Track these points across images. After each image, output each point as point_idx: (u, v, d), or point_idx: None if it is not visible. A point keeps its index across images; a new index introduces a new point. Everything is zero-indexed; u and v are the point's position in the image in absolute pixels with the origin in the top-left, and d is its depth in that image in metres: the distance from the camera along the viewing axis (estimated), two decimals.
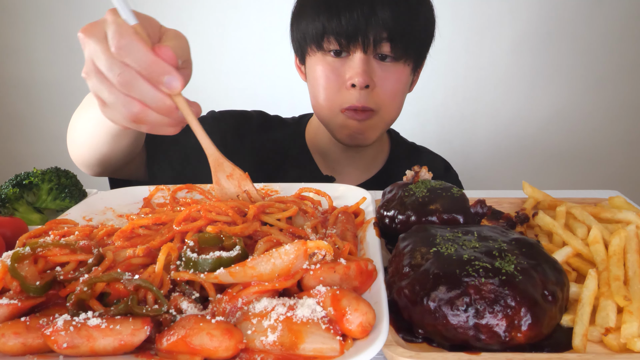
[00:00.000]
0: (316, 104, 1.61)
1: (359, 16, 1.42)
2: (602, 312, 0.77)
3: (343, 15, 1.43)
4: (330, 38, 1.48)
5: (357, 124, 1.55)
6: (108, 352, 0.68)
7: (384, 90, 1.53)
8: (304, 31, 1.55)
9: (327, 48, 1.51)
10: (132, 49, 0.87)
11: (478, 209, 1.06)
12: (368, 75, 1.48)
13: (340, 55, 1.51)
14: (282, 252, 0.77)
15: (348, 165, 1.81)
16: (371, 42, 1.45)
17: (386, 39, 1.46)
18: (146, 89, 0.90)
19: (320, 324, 0.69)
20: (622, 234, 0.89)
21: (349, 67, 1.50)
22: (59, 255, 0.84)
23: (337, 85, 1.52)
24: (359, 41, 1.45)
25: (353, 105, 1.50)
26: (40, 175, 1.23)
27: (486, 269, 0.74)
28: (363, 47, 1.46)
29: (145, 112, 0.92)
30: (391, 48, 1.48)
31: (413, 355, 0.70)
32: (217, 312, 0.74)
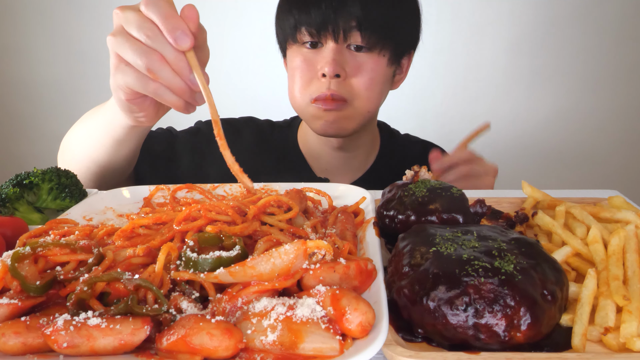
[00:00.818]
0: (291, 96, 1.64)
1: (327, 6, 1.47)
2: (602, 312, 0.77)
3: (312, 7, 1.48)
4: (302, 29, 1.53)
5: (327, 114, 1.56)
6: (108, 352, 0.69)
7: (357, 80, 1.55)
8: (282, 26, 1.61)
9: (301, 40, 1.56)
10: (158, 4, 0.98)
11: (477, 208, 1.06)
12: (338, 65, 1.50)
13: (316, 46, 1.54)
14: (282, 252, 0.77)
15: (341, 166, 1.82)
16: (341, 31, 1.48)
17: (356, 28, 1.49)
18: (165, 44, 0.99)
19: (320, 324, 0.69)
20: (622, 233, 0.89)
21: (321, 58, 1.53)
22: (59, 254, 0.84)
23: (310, 75, 1.56)
24: (329, 31, 1.48)
25: (323, 94, 1.53)
26: (41, 175, 1.23)
27: (485, 268, 0.74)
28: (334, 37, 1.49)
29: (161, 64, 0.99)
30: (362, 37, 1.50)
31: (413, 354, 0.70)
32: (217, 312, 0.74)
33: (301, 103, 1.59)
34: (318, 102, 1.54)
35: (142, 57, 0.99)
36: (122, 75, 1.04)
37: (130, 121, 1.24)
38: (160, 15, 0.98)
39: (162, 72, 1.00)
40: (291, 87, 1.62)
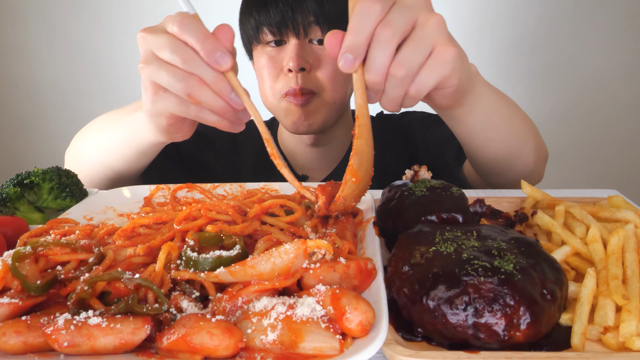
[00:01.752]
0: (262, 95, 1.66)
1: (284, 4, 1.50)
2: (601, 311, 0.77)
3: (271, 7, 1.51)
4: (264, 29, 1.56)
5: (299, 109, 1.58)
6: (109, 351, 0.69)
7: (322, 72, 1.58)
8: (245, 29, 1.64)
9: (264, 40, 1.59)
10: (192, 26, 0.96)
11: (477, 208, 1.06)
12: (302, 59, 1.54)
13: (280, 44, 1.58)
14: (282, 251, 0.77)
15: (316, 161, 1.85)
16: (301, 27, 1.52)
17: (314, 23, 1.52)
18: (204, 67, 0.96)
19: (320, 323, 0.69)
20: (621, 233, 0.89)
21: (285, 54, 1.56)
22: (60, 254, 0.84)
23: (276, 72, 1.59)
24: (289, 28, 1.52)
25: (292, 88, 1.55)
26: (41, 175, 1.23)
27: (485, 268, 0.74)
28: (295, 33, 1.53)
29: (201, 88, 0.97)
30: (322, 31, 1.54)
31: (412, 354, 0.70)
32: (217, 311, 0.74)
33: (272, 100, 1.62)
34: (289, 97, 1.57)
35: (180, 83, 0.96)
36: (163, 103, 1.02)
37: (163, 139, 1.22)
38: (197, 37, 0.95)
39: (203, 96, 0.98)
40: (261, 86, 1.65)
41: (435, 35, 0.92)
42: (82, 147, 1.53)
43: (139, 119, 1.26)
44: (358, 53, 0.91)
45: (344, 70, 0.92)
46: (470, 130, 1.26)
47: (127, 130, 1.36)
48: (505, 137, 1.29)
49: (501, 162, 1.35)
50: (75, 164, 1.53)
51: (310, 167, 1.85)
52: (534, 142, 1.38)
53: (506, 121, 1.28)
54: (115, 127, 1.42)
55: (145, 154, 1.39)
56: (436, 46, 0.93)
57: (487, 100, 1.20)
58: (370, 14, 0.89)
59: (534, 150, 1.37)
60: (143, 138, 1.29)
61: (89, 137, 1.52)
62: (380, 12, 0.90)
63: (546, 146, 1.48)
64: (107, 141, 1.44)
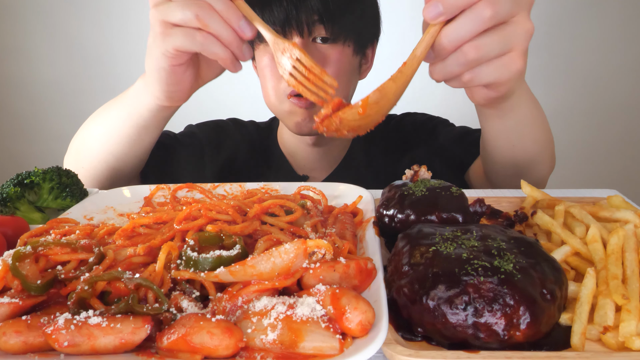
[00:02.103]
0: (265, 95, 1.65)
1: (288, 3, 1.49)
2: (601, 311, 0.77)
3: (274, 5, 1.50)
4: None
5: (303, 111, 1.58)
6: (109, 351, 0.69)
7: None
8: None
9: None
10: None
11: (477, 208, 1.06)
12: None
13: None
14: (282, 251, 0.78)
15: (317, 161, 1.84)
16: (304, 26, 1.51)
17: (318, 21, 1.51)
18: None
19: (320, 323, 0.70)
20: (621, 232, 0.89)
21: None
22: (60, 254, 0.84)
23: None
24: (293, 26, 1.51)
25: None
26: (42, 175, 1.23)
27: (485, 267, 0.75)
28: (299, 32, 1.51)
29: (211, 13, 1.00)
30: (325, 30, 1.53)
31: (412, 353, 0.70)
32: (218, 311, 0.74)
33: (275, 101, 1.61)
34: (292, 99, 1.56)
35: (191, 7, 1.00)
36: (170, 38, 1.05)
37: (160, 98, 1.25)
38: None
39: (211, 20, 1.01)
40: (264, 85, 1.64)
41: (519, 40, 0.92)
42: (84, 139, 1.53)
43: (138, 86, 1.30)
44: (450, 11, 0.88)
45: (424, 16, 0.89)
46: (497, 133, 1.26)
47: (127, 105, 1.38)
48: (529, 144, 1.30)
49: (519, 167, 1.36)
50: (77, 157, 1.52)
51: (311, 167, 1.85)
52: (550, 153, 1.39)
53: (533, 130, 1.28)
54: (115, 107, 1.43)
55: (146, 129, 1.39)
56: (513, 51, 0.93)
57: (522, 109, 1.20)
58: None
59: (549, 161, 1.39)
60: (140, 106, 1.32)
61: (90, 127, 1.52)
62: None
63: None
64: (109, 123, 1.44)
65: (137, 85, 1.33)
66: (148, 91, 1.26)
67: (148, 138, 1.44)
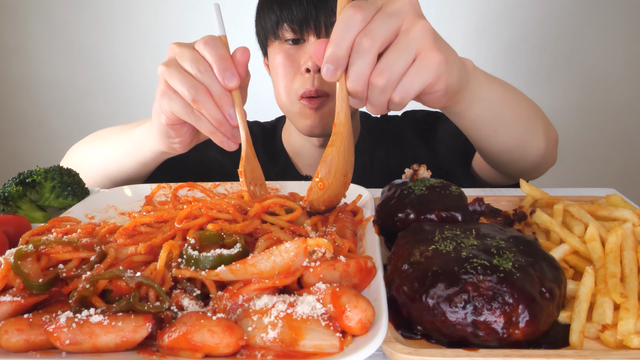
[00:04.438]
0: (276, 94, 1.65)
1: (308, 3, 1.49)
2: (599, 309, 0.78)
3: (294, 4, 1.51)
4: (284, 26, 1.55)
5: (314, 113, 1.58)
6: (110, 349, 0.69)
7: None
8: (263, 24, 1.63)
9: (283, 37, 1.57)
10: (215, 46, 1.08)
11: (476, 207, 1.06)
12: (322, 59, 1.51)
13: (298, 43, 1.57)
14: (283, 250, 0.78)
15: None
16: (322, 26, 1.51)
17: None
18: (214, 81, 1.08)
19: (320, 321, 0.70)
20: (619, 231, 0.89)
21: (303, 53, 1.55)
22: (62, 252, 0.85)
23: (293, 71, 1.57)
24: (311, 26, 1.51)
25: (308, 90, 1.55)
26: (43, 174, 1.24)
27: (484, 266, 0.75)
28: (316, 32, 1.52)
29: (206, 97, 1.07)
30: None
31: (412, 351, 0.70)
32: (218, 309, 0.74)
33: (286, 101, 1.61)
34: (304, 100, 1.56)
35: (190, 89, 1.06)
36: (168, 101, 1.10)
37: (163, 147, 1.28)
38: (216, 55, 1.07)
39: (205, 104, 1.07)
40: (275, 84, 1.64)
41: (419, 41, 0.91)
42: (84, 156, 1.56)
43: (145, 128, 1.34)
44: (339, 64, 0.91)
45: (326, 79, 0.94)
46: (474, 123, 1.25)
47: (132, 141, 1.42)
48: (512, 126, 1.28)
49: (512, 150, 1.34)
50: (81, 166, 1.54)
51: (315, 167, 1.85)
52: (543, 127, 1.36)
53: (511, 110, 1.27)
54: (120, 138, 1.47)
55: (146, 165, 1.43)
56: (420, 52, 0.92)
57: (487, 94, 1.19)
58: (351, 24, 0.89)
59: (544, 135, 1.36)
60: (145, 147, 1.35)
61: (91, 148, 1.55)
62: (361, 22, 0.89)
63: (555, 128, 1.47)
64: (110, 152, 1.48)
65: (145, 127, 1.36)
66: (152, 136, 1.29)
67: (146, 171, 1.49)
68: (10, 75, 3.65)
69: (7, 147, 3.82)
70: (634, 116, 3.49)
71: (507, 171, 1.47)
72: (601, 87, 3.43)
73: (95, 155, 1.52)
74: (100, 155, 1.51)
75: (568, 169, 3.52)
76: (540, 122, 1.35)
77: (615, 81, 3.42)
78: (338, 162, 0.99)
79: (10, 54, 3.60)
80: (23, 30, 3.55)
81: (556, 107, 3.46)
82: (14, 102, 3.72)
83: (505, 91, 1.26)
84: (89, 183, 1.50)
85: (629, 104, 3.46)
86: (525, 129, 1.32)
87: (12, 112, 3.74)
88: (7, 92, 3.69)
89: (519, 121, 1.29)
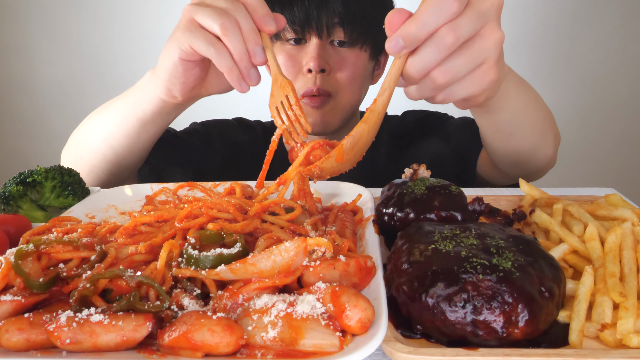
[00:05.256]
0: None
1: (310, 3, 1.50)
2: (598, 309, 0.78)
3: (296, 4, 1.51)
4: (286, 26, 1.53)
5: (315, 111, 1.59)
6: (110, 348, 0.69)
7: (341, 75, 1.58)
8: None
9: (284, 37, 1.58)
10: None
11: (476, 206, 1.06)
12: (323, 60, 1.53)
13: (300, 43, 1.57)
14: (282, 249, 0.78)
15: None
16: (324, 27, 1.51)
17: (338, 24, 1.52)
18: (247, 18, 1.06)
19: (320, 320, 0.70)
20: (618, 231, 0.89)
21: (305, 53, 1.56)
22: (62, 252, 0.85)
23: (295, 71, 1.58)
24: (312, 27, 1.51)
25: (309, 89, 1.55)
26: (44, 173, 1.24)
27: (484, 265, 0.75)
28: (317, 33, 1.52)
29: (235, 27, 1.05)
30: (344, 33, 1.53)
31: (412, 350, 0.71)
32: (218, 309, 0.74)
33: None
34: (305, 98, 1.56)
35: (221, 17, 1.03)
36: (190, 35, 1.08)
37: (162, 92, 1.25)
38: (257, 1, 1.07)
39: (232, 34, 1.04)
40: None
41: (489, 53, 0.91)
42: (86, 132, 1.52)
43: (145, 78, 1.32)
44: (412, 44, 0.88)
45: (388, 51, 0.90)
46: (491, 127, 1.26)
47: (131, 97, 1.38)
48: (528, 132, 1.28)
49: (522, 154, 1.34)
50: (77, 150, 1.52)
51: None
52: (553, 133, 1.37)
53: (530, 118, 1.27)
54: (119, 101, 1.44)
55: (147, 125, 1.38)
56: (484, 64, 0.92)
57: (512, 103, 1.19)
58: (444, 12, 0.85)
59: (553, 141, 1.37)
60: (144, 98, 1.32)
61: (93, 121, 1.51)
62: (454, 14, 0.86)
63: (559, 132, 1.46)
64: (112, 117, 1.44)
65: (145, 77, 1.34)
66: (153, 81, 1.26)
67: (147, 135, 1.43)
68: (11, 75, 3.66)
69: (8, 146, 3.82)
70: (633, 116, 3.49)
71: (513, 172, 1.47)
72: (600, 87, 3.44)
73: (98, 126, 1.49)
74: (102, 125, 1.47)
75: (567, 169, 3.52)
76: (551, 129, 1.37)
77: (615, 81, 3.42)
78: (365, 140, 0.99)
79: (11, 54, 3.60)
80: (24, 31, 3.55)
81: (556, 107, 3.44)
82: (14, 102, 3.72)
83: (529, 98, 1.26)
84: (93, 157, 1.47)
85: (628, 103, 3.47)
86: (539, 136, 1.33)
87: (12, 111, 3.74)
88: (7, 92, 3.69)
89: (535, 128, 1.30)
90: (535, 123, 1.30)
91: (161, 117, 1.37)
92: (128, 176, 1.56)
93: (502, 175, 1.54)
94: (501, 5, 0.92)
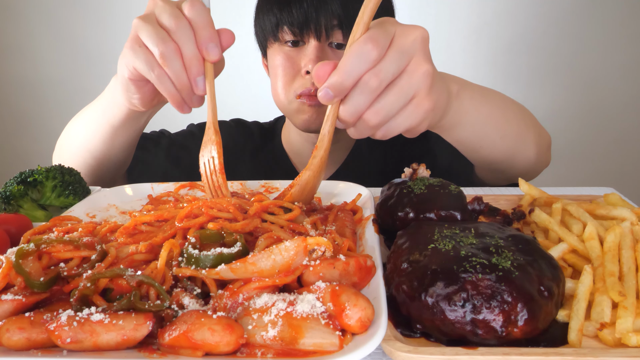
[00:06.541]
0: (274, 93, 1.65)
1: (309, 5, 1.48)
2: (597, 308, 0.78)
3: (294, 6, 1.49)
4: (284, 28, 1.54)
5: (311, 109, 1.58)
6: (111, 347, 0.69)
7: None
8: (262, 25, 1.62)
9: (282, 39, 1.57)
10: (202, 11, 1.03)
11: (475, 206, 1.07)
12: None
13: (298, 45, 1.56)
14: (282, 249, 0.78)
15: None
16: (323, 29, 1.50)
17: (337, 26, 1.50)
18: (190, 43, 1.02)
19: (320, 319, 0.70)
20: (617, 230, 0.90)
21: (304, 55, 1.54)
22: (63, 251, 0.85)
23: (293, 73, 1.57)
24: (311, 29, 1.50)
25: (307, 89, 1.54)
26: (45, 173, 1.24)
27: (483, 265, 0.75)
28: (316, 35, 1.50)
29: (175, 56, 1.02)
30: (343, 36, 1.52)
31: (411, 349, 0.71)
32: (219, 308, 0.75)
33: (284, 100, 1.61)
34: (302, 97, 1.56)
35: (160, 44, 1.01)
36: (133, 55, 1.05)
37: (125, 101, 1.25)
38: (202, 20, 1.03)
39: (173, 62, 1.02)
40: (274, 84, 1.63)
41: (418, 86, 0.94)
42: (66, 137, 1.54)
43: (111, 83, 1.32)
44: (340, 93, 0.93)
45: (321, 102, 0.94)
46: (455, 142, 1.27)
47: (99, 104, 1.39)
48: (498, 141, 1.29)
49: (497, 163, 1.35)
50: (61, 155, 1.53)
51: None
52: (534, 135, 1.37)
53: (497, 128, 1.27)
54: (90, 108, 1.45)
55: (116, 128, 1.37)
56: (415, 97, 0.95)
57: (470, 117, 1.20)
58: (365, 60, 0.89)
59: (534, 143, 1.37)
60: (112, 105, 1.32)
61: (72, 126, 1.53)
62: (374, 61, 0.90)
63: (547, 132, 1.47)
64: (86, 122, 1.45)
65: (110, 84, 1.33)
66: (117, 89, 1.25)
67: (121, 139, 1.43)
68: (13, 75, 3.65)
69: (9, 146, 3.82)
70: (632, 116, 3.50)
71: (499, 177, 1.47)
72: (599, 87, 3.44)
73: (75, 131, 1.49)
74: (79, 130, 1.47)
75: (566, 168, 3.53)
76: (531, 132, 1.36)
77: (614, 81, 3.42)
78: (312, 185, 1.06)
79: (13, 53, 3.60)
80: (26, 30, 3.55)
81: (555, 106, 3.46)
82: (16, 102, 3.72)
83: (491, 109, 1.26)
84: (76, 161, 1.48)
85: (627, 103, 3.47)
86: (514, 141, 1.33)
87: (14, 111, 3.74)
88: (9, 92, 3.69)
89: (506, 135, 1.30)
90: (506, 130, 1.29)
91: (131, 123, 1.37)
92: (112, 179, 1.56)
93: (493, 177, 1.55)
94: (426, 37, 0.95)
